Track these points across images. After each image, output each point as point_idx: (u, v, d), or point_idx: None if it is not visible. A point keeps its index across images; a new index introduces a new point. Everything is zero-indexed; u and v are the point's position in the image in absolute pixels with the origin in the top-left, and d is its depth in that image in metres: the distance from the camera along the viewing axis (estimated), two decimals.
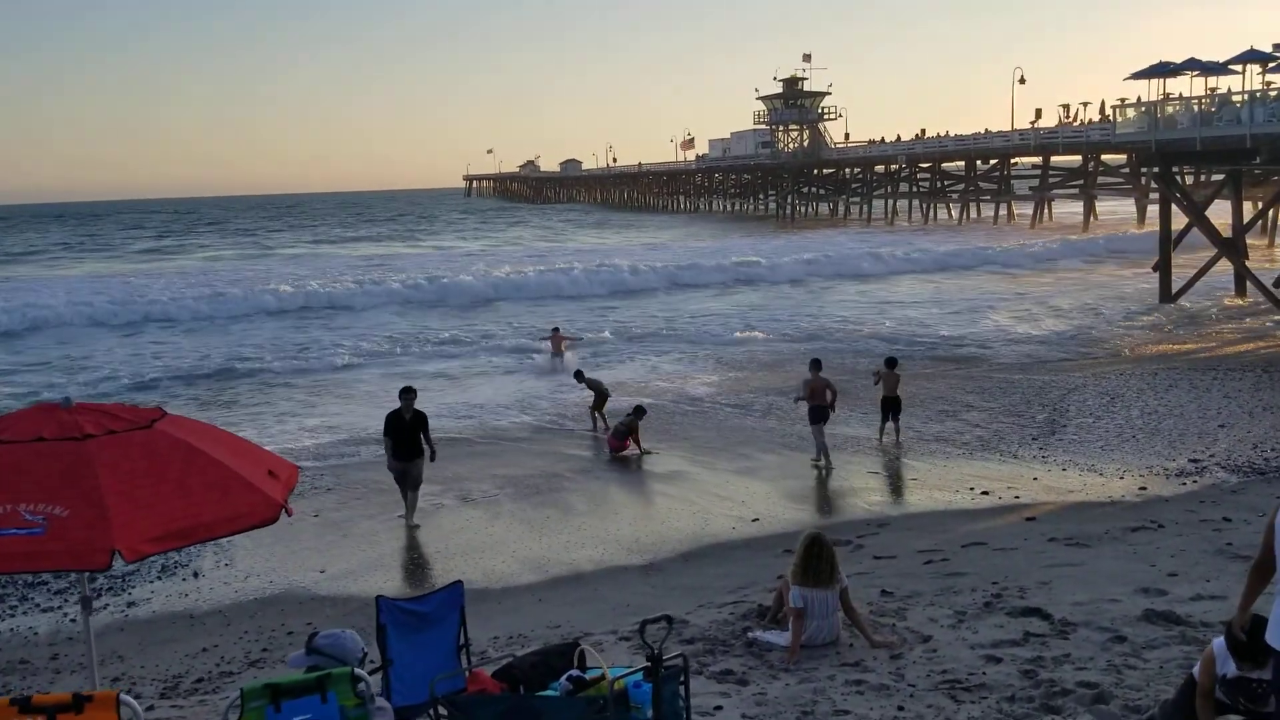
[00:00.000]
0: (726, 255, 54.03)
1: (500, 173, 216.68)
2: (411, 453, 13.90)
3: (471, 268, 51.94)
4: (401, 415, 13.94)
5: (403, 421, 13.91)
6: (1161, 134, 34.94)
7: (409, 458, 13.90)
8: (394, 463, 14.00)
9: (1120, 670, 7.34)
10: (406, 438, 13.87)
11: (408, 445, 13.87)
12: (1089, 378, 22.71)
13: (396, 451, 13.91)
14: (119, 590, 11.97)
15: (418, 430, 13.94)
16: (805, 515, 13.66)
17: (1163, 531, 11.56)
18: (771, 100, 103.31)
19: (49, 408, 6.23)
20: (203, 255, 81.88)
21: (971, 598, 9.24)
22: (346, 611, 10.70)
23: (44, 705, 4.52)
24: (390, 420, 14.03)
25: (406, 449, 13.87)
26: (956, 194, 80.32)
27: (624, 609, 10.25)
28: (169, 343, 33.50)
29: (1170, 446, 16.41)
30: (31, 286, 48.93)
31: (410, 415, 13.94)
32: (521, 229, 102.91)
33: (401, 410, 13.97)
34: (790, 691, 7.29)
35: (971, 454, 16.60)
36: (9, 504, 5.45)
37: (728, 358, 27.20)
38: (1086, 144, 61.83)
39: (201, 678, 9.38)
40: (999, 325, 31.86)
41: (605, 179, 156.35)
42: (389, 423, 14.02)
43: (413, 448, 13.90)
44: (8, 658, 10.12)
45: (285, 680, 4.78)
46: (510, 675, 6.12)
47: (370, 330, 34.23)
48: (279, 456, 7.21)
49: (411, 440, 13.89)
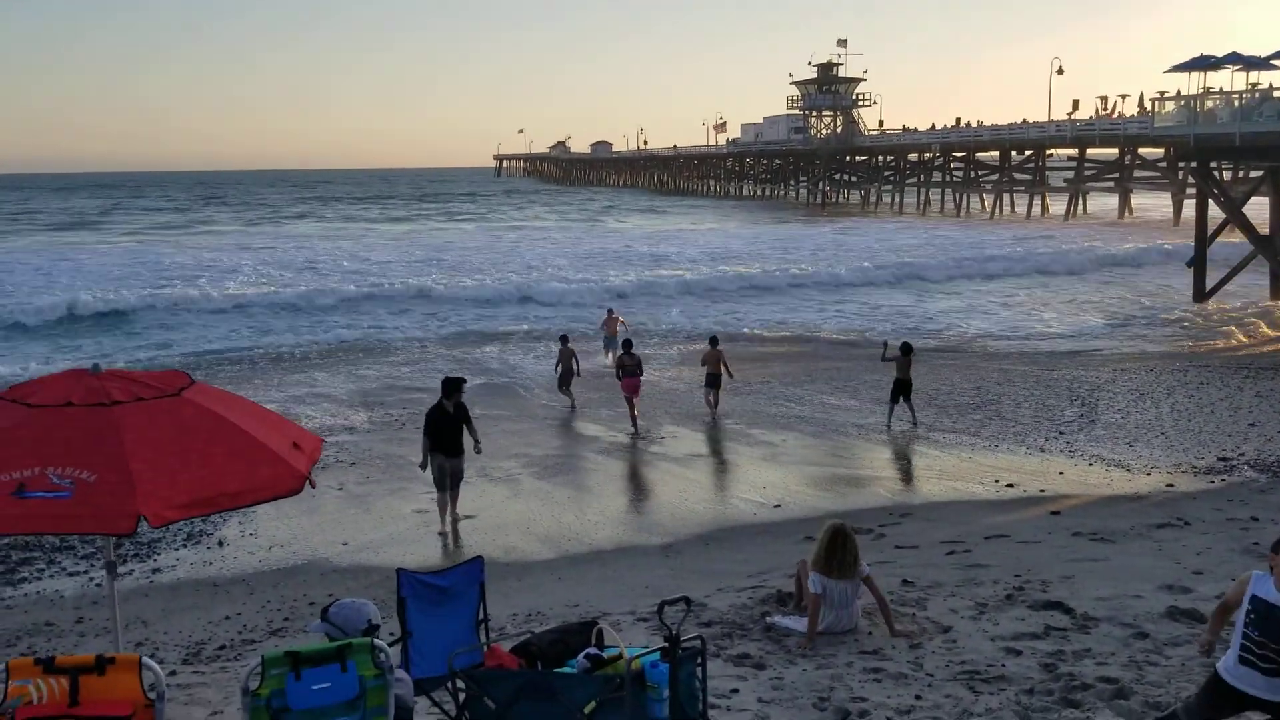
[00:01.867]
0: (850, 249, 52.01)
1: (531, 153, 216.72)
2: (456, 448, 13.02)
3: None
4: (445, 409, 13.03)
5: (447, 416, 13.00)
6: (1200, 128, 34.48)
7: (456, 452, 13.02)
8: (440, 460, 12.95)
9: (1141, 666, 7.28)
10: (451, 432, 12.97)
11: (453, 440, 12.99)
12: (1118, 373, 22.50)
13: (440, 447, 12.92)
14: (144, 557, 12.10)
15: (461, 424, 13.09)
16: (827, 503, 13.62)
17: (1189, 529, 11.45)
18: (806, 85, 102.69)
19: (78, 373, 6.29)
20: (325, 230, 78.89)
21: (993, 590, 9.19)
22: (368, 584, 10.77)
23: (67, 666, 4.57)
24: (432, 415, 13.05)
25: (452, 444, 12.98)
26: (990, 184, 79.61)
27: (643, 590, 10.27)
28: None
29: (1199, 444, 16.23)
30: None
31: (454, 408, 13.09)
32: (579, 210, 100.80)
33: (444, 404, 13.08)
34: (808, 677, 7.28)
35: (997, 446, 16.49)
36: (37, 467, 5.51)
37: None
38: (1124, 137, 61.10)
39: (224, 645, 9.48)
40: (1027, 318, 31.62)
41: (636, 161, 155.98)
42: (431, 418, 13.02)
43: (458, 443, 13.04)
44: (34, 620, 10.26)
45: (306, 649, 4.81)
46: (528, 651, 6.14)
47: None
48: (303, 428, 7.27)
49: (456, 435, 13.02)
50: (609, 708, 5.41)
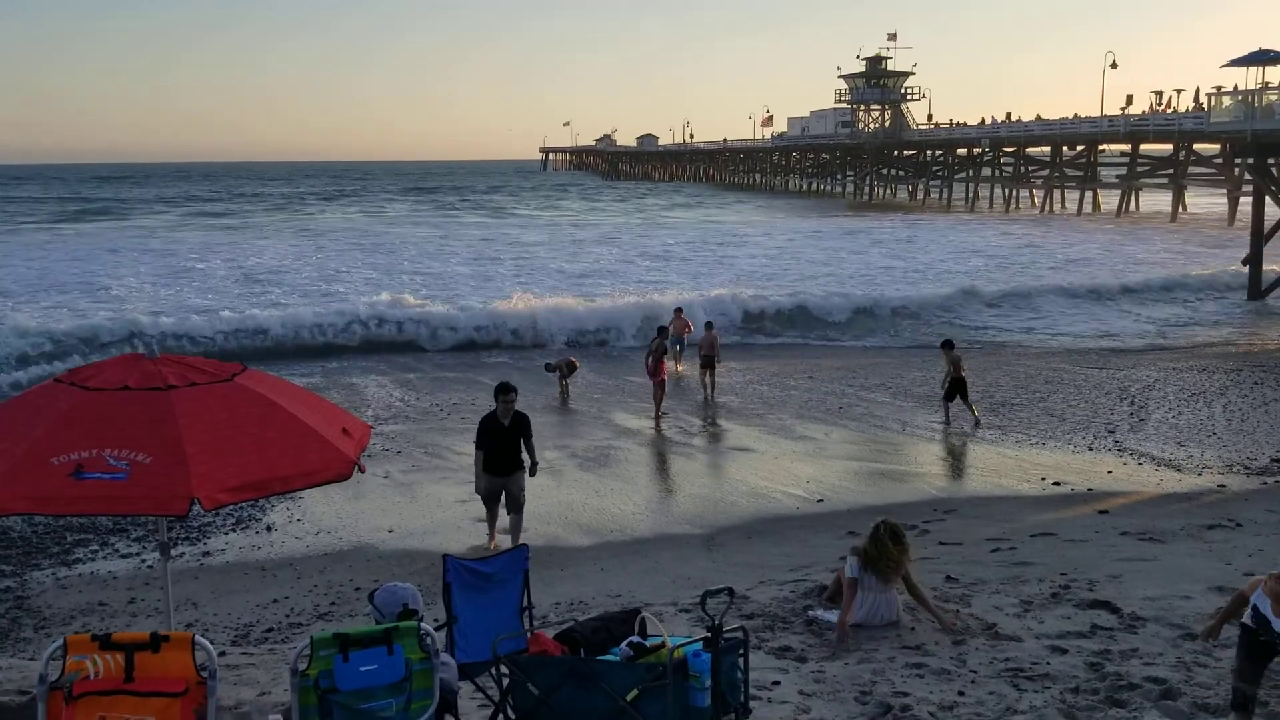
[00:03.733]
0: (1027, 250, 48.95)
1: (577, 145, 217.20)
2: (510, 465, 11.59)
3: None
4: (498, 420, 11.56)
5: (500, 428, 11.55)
6: (1258, 123, 33.88)
7: (507, 470, 11.57)
8: (487, 480, 11.55)
9: (1190, 668, 7.19)
10: (504, 446, 11.55)
11: (506, 455, 11.56)
12: (1169, 372, 22.17)
13: (490, 464, 11.52)
14: (195, 540, 12.31)
15: (517, 437, 11.61)
16: (871, 499, 13.55)
17: (1240, 530, 11.27)
18: (854, 79, 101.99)
19: (134, 358, 6.40)
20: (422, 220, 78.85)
21: (1038, 588, 9.10)
22: (413, 570, 10.88)
23: (123, 643, 4.67)
24: (484, 427, 11.61)
25: (504, 460, 11.55)
26: (1040, 180, 78.53)
27: (685, 582, 10.29)
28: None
29: (1252, 444, 15.97)
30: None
31: (509, 419, 11.59)
32: (641, 205, 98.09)
33: (498, 413, 11.61)
34: (849, 671, 7.27)
35: (1044, 444, 16.32)
36: (95, 449, 5.62)
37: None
38: (1179, 132, 59.93)
39: (272, 627, 9.63)
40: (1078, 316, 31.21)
41: (682, 155, 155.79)
42: (483, 430, 11.59)
43: (512, 459, 11.61)
44: (88, 600, 10.48)
45: (354, 631, 4.89)
46: (571, 639, 6.18)
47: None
48: (352, 415, 7.36)
49: (510, 449, 11.59)
50: (651, 696, 5.44)
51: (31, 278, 40.73)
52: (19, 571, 11.32)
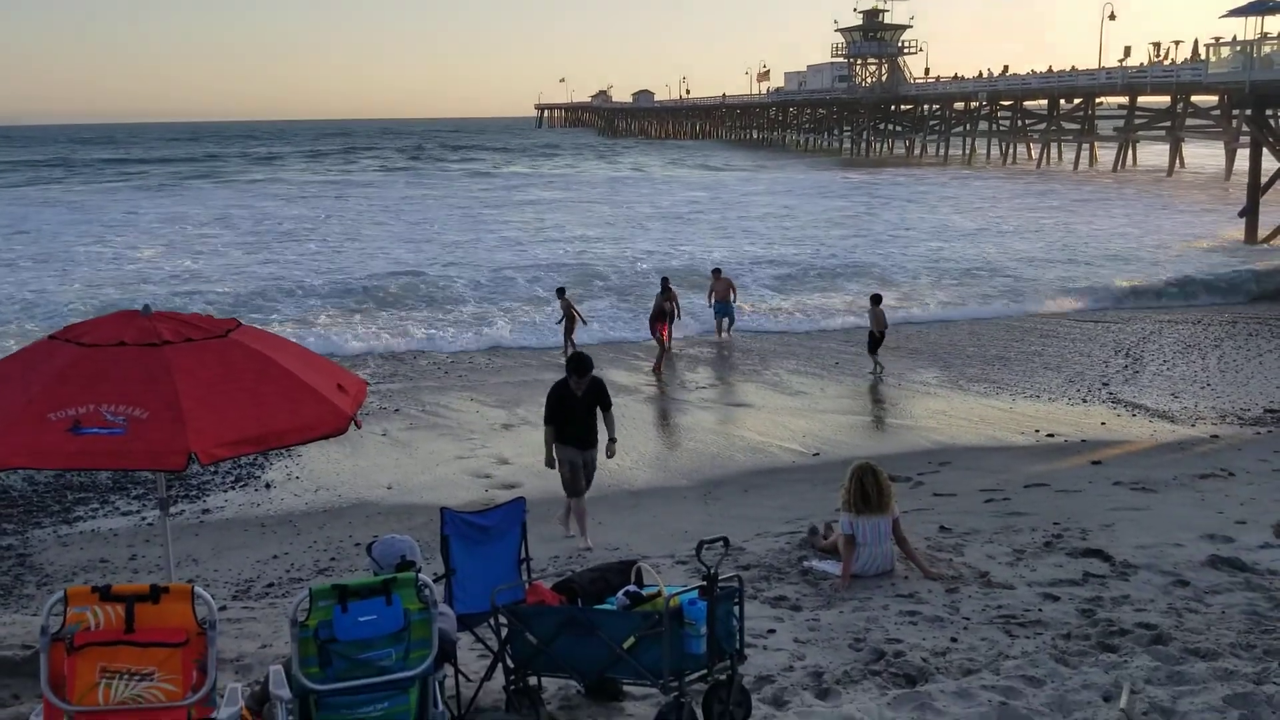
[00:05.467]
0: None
1: (572, 102, 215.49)
2: (591, 437, 10.50)
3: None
4: (571, 391, 10.34)
5: (574, 399, 10.35)
6: (1257, 74, 33.72)
7: (589, 442, 10.49)
8: (569, 454, 10.37)
9: (1181, 614, 7.27)
10: (581, 417, 10.40)
11: (583, 428, 10.43)
12: (1164, 324, 22.22)
13: (567, 436, 10.36)
14: (194, 498, 12.38)
15: (594, 406, 10.42)
16: (867, 451, 13.54)
17: (1233, 480, 11.35)
18: (850, 33, 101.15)
19: (129, 314, 6.42)
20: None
21: (1031, 537, 9.19)
22: (412, 526, 10.92)
23: (123, 595, 4.71)
24: (555, 396, 10.42)
25: (581, 433, 10.42)
26: (1038, 134, 78.11)
27: (682, 535, 10.36)
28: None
29: (1246, 395, 16.04)
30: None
31: (584, 391, 10.33)
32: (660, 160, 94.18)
33: (570, 385, 10.35)
34: (844, 619, 7.35)
35: (1039, 396, 16.39)
36: (92, 404, 5.65)
37: None
38: (1176, 84, 59.53)
39: (272, 582, 9.71)
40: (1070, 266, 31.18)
41: (679, 111, 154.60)
42: (554, 401, 10.40)
43: (591, 430, 10.49)
44: (89, 556, 10.56)
45: (353, 582, 4.93)
46: (569, 589, 6.24)
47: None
48: (348, 371, 7.39)
49: (589, 420, 10.45)
50: (647, 643, 5.50)
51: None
52: (21, 530, 11.38)
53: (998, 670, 6.30)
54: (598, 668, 5.76)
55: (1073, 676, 6.13)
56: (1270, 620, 7.02)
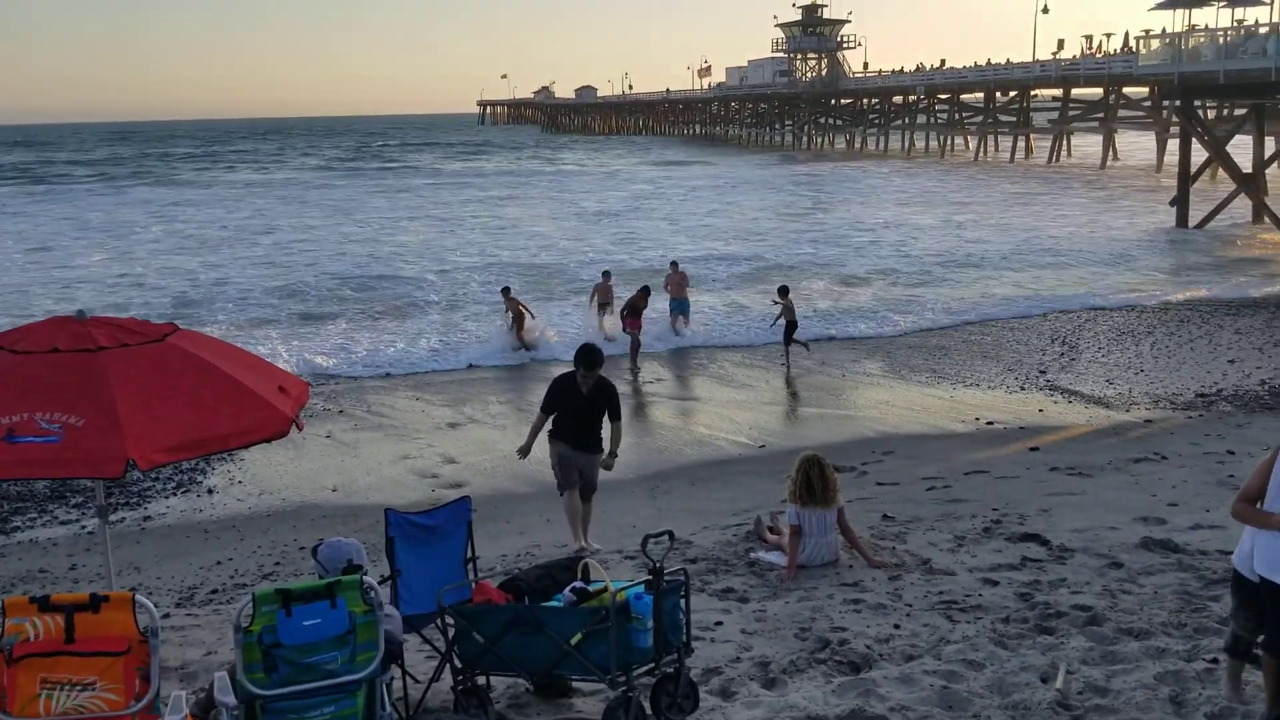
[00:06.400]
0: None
1: (515, 99, 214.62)
2: (592, 442, 9.47)
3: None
4: (576, 386, 9.33)
5: (578, 395, 9.33)
6: (1185, 66, 34.41)
7: (589, 446, 9.47)
8: (561, 449, 9.42)
9: (1115, 595, 7.45)
10: (584, 417, 9.40)
11: (587, 430, 9.43)
12: (1097, 313, 22.67)
13: (565, 433, 9.41)
14: (136, 505, 12.19)
15: (601, 409, 9.40)
16: (812, 442, 13.72)
17: (1166, 463, 11.64)
18: (790, 28, 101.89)
19: (63, 320, 6.33)
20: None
21: (971, 524, 9.36)
22: (357, 528, 10.85)
23: (62, 604, 4.65)
24: (557, 388, 9.45)
25: (584, 435, 9.44)
26: (974, 126, 79.24)
27: (629, 530, 10.39)
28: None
29: (1178, 380, 16.44)
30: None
31: (589, 388, 9.31)
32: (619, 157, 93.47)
33: (577, 379, 9.33)
34: (790, 609, 7.45)
35: (979, 385, 16.67)
36: (26, 413, 5.57)
37: None
38: (1108, 76, 60.79)
39: (216, 589, 9.60)
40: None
41: (622, 106, 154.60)
42: (555, 392, 9.44)
43: (593, 435, 9.47)
44: (28, 566, 10.36)
45: (296, 586, 4.91)
46: (515, 587, 6.26)
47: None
48: (289, 373, 7.34)
49: (592, 423, 9.44)
50: (595, 639, 5.54)
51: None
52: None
53: (939, 655, 6.42)
54: (545, 665, 5.79)
55: (1011, 659, 6.28)
56: (1200, 599, 7.22)
